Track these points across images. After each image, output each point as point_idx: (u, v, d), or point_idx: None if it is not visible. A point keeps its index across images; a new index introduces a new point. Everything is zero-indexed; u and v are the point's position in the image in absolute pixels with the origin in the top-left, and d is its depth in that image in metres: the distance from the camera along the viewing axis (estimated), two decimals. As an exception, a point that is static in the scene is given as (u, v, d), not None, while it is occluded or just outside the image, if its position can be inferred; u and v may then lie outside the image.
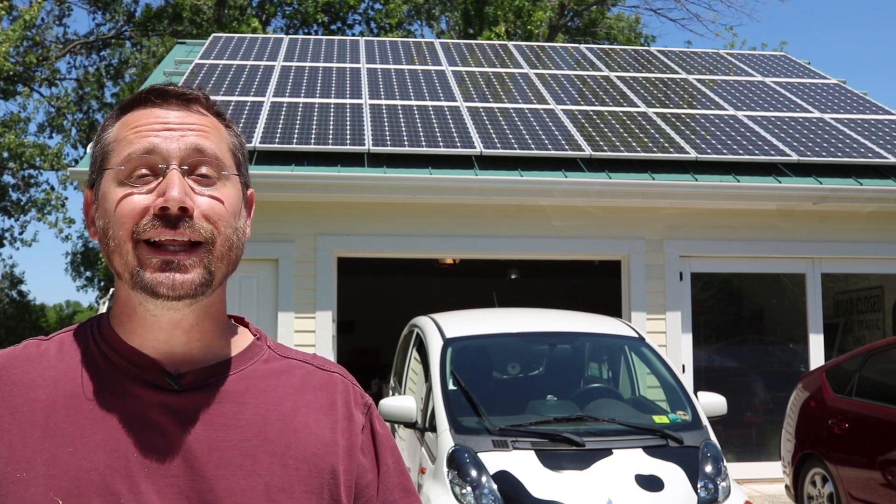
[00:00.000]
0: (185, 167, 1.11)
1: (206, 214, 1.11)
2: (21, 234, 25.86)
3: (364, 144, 8.51)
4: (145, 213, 1.09)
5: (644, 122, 9.70)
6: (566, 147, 8.82)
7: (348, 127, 8.97)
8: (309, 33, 24.16)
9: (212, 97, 1.22)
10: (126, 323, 1.15)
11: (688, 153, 8.82)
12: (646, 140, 9.14)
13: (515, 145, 8.77)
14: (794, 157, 8.88)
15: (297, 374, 1.21)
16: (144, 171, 1.11)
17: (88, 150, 9.09)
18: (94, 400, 1.11)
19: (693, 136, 9.40)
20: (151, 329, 1.13)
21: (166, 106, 1.15)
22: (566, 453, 4.73)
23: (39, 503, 1.05)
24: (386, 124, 9.12)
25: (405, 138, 8.78)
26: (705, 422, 5.23)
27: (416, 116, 9.44)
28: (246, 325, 1.27)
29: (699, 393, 5.61)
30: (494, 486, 4.54)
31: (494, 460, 4.67)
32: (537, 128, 9.30)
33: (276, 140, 8.51)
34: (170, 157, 1.10)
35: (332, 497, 1.14)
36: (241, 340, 1.22)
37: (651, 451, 4.80)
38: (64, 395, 1.11)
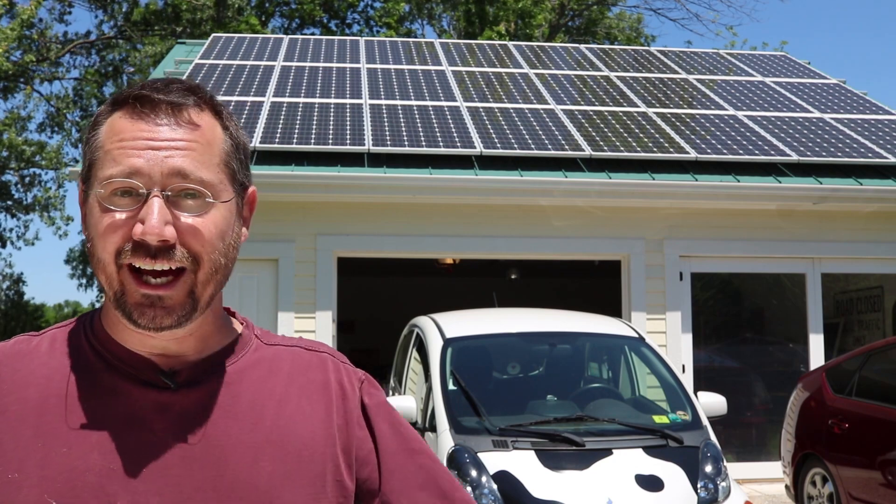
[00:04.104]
0: (168, 192, 1.07)
1: (188, 242, 1.07)
2: (24, 233, 25.94)
3: (364, 144, 8.51)
4: (126, 237, 1.06)
5: (644, 122, 9.70)
6: (566, 147, 8.82)
7: (348, 127, 8.97)
8: (307, 32, 24.17)
9: (209, 94, 1.17)
10: (117, 325, 1.14)
11: (688, 153, 8.82)
12: (646, 140, 9.14)
13: (515, 145, 8.77)
14: (794, 157, 8.88)
15: (286, 359, 1.21)
16: (126, 190, 1.07)
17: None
18: (88, 399, 1.09)
19: (693, 136, 9.40)
20: (142, 336, 1.12)
21: (154, 116, 1.09)
22: (566, 453, 4.73)
23: None
24: (386, 124, 9.12)
25: (405, 138, 8.78)
26: (705, 422, 5.23)
27: (416, 116, 9.44)
28: (232, 314, 1.26)
29: (699, 393, 5.61)
30: (494, 486, 4.54)
31: (494, 460, 4.67)
32: (537, 128, 9.30)
33: (276, 140, 8.51)
34: (151, 182, 1.06)
35: (334, 479, 1.14)
36: (232, 332, 1.21)
37: (651, 451, 4.79)
38: (56, 393, 1.09)
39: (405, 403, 5.33)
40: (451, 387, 5.32)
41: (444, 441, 4.87)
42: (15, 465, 1.05)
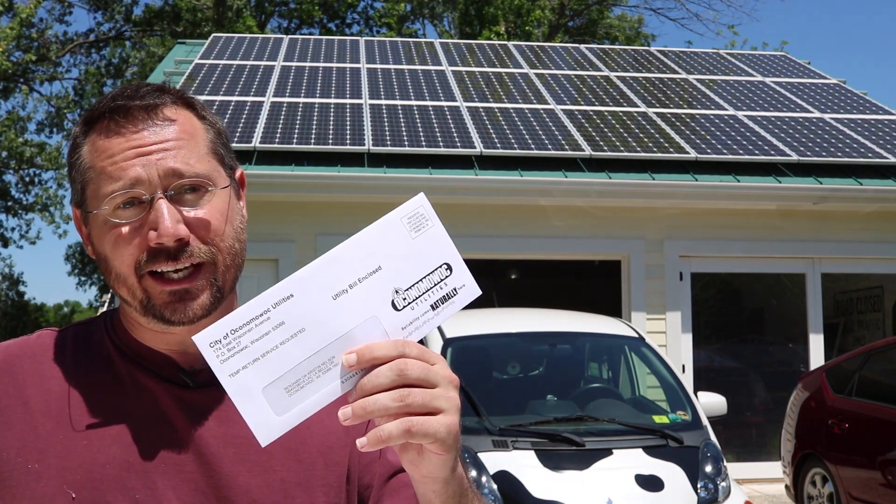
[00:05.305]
0: (171, 192, 1.08)
1: (200, 234, 1.09)
2: (27, 232, 25.96)
3: (364, 144, 8.51)
4: (141, 247, 1.07)
5: (644, 122, 9.71)
6: (566, 147, 8.82)
7: (348, 127, 8.97)
8: (306, 33, 24.16)
9: (179, 89, 1.17)
10: (137, 325, 1.15)
11: (688, 153, 8.82)
12: (646, 140, 9.15)
13: (515, 145, 8.77)
14: (794, 157, 8.88)
15: None
16: (129, 201, 1.08)
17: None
18: (110, 393, 1.11)
19: (693, 136, 9.40)
20: (164, 334, 1.13)
21: (133, 124, 1.09)
22: (566, 453, 4.73)
23: (52, 495, 1.04)
24: (386, 124, 9.12)
25: (405, 138, 8.78)
26: (705, 422, 5.23)
27: (416, 116, 9.44)
28: None
29: (699, 393, 5.61)
30: (494, 486, 4.54)
31: (494, 460, 4.67)
32: (537, 128, 9.30)
33: (276, 140, 8.51)
34: (152, 187, 1.07)
35: (348, 488, 1.15)
36: None
37: (651, 451, 4.79)
38: (78, 387, 1.11)
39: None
40: (451, 387, 5.31)
41: (444, 441, 4.86)
42: (35, 456, 1.06)
